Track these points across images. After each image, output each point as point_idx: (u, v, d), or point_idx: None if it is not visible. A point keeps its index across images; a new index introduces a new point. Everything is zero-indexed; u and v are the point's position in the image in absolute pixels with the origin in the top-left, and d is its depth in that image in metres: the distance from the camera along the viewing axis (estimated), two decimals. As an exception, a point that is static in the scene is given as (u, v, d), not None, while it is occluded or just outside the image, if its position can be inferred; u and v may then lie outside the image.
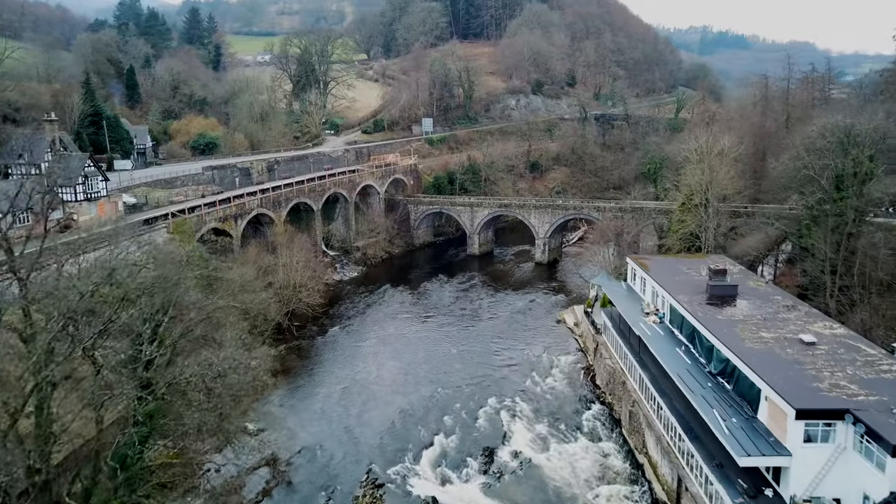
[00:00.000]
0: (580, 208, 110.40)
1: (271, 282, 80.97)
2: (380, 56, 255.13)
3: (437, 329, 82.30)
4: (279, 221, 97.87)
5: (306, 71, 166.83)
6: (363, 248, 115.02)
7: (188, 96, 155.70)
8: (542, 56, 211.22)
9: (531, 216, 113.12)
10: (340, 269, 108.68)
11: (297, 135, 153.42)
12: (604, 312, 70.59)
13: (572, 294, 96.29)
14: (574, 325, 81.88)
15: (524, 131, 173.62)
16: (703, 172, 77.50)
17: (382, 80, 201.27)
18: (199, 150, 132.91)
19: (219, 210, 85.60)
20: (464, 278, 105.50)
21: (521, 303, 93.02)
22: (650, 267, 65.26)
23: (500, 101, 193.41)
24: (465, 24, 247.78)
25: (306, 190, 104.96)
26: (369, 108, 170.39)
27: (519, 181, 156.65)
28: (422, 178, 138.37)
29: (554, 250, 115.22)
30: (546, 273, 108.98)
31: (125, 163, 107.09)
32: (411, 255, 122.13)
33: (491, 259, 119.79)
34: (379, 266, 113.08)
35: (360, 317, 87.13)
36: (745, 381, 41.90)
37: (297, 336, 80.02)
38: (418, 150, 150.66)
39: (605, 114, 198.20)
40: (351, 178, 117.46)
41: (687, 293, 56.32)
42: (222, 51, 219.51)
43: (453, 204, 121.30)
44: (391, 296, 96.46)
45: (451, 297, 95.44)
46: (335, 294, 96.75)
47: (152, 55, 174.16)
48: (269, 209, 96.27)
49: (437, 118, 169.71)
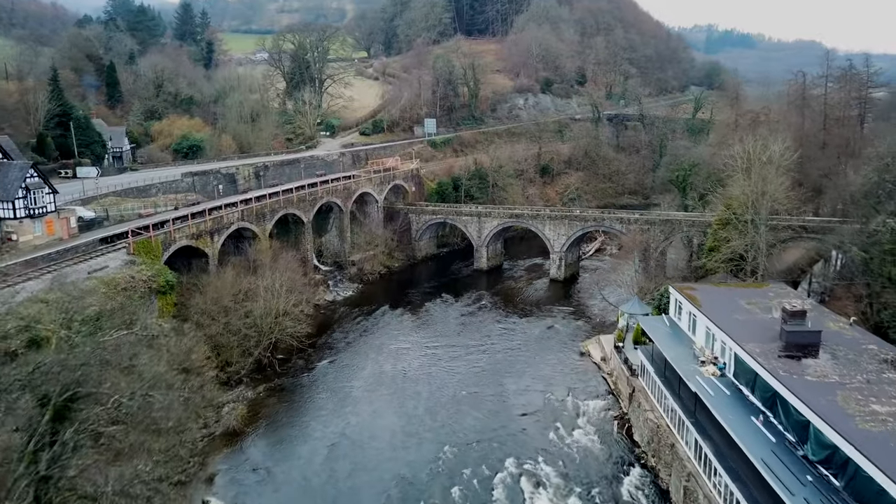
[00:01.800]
0: (601, 220, 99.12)
1: (250, 310, 69.81)
2: (380, 54, 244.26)
3: (441, 364, 71.05)
4: (263, 236, 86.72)
5: (300, 68, 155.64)
6: (359, 263, 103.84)
7: (173, 95, 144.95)
8: (552, 53, 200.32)
9: (546, 228, 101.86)
10: (333, 287, 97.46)
11: (290, 136, 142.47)
12: (641, 351, 59.35)
13: (595, 319, 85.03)
14: (601, 361, 70.60)
15: (533, 132, 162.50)
16: (754, 183, 66.10)
17: (383, 79, 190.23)
18: (182, 154, 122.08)
19: (191, 225, 74.39)
20: (471, 298, 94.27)
21: (538, 329, 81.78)
22: (700, 300, 54.00)
23: (508, 101, 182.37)
24: (469, 20, 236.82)
25: (295, 200, 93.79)
26: (368, 108, 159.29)
27: (529, 186, 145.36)
28: (424, 184, 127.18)
29: (571, 265, 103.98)
30: (563, 292, 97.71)
31: (90, 170, 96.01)
32: (412, 270, 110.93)
33: (500, 274, 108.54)
34: (377, 283, 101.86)
35: (354, 348, 75.92)
36: (868, 484, 30.67)
37: (280, 373, 68.87)
38: (420, 154, 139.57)
39: (618, 114, 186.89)
40: (346, 185, 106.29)
41: (755, 339, 45.09)
42: (215, 48, 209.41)
43: (459, 214, 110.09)
44: (389, 320, 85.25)
45: (457, 323, 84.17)
46: (326, 318, 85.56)
47: (138, 51, 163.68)
48: (251, 222, 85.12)
49: (441, 119, 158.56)
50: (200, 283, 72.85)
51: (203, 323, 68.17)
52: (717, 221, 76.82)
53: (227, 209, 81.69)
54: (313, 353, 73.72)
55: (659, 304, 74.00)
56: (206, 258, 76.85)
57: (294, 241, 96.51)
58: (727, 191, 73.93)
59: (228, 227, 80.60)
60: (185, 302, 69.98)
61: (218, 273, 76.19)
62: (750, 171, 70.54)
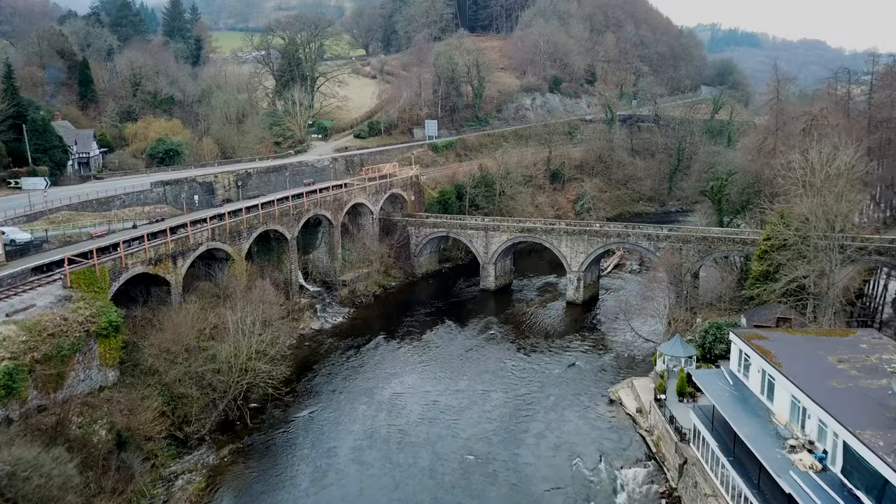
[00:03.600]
0: (625, 236, 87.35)
1: (214, 354, 58.09)
2: (379, 52, 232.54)
3: (445, 417, 59.25)
4: (239, 258, 75.02)
5: (290, 65, 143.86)
6: (351, 283, 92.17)
7: (152, 94, 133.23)
8: (560, 50, 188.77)
9: (562, 244, 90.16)
10: (321, 312, 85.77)
11: (279, 140, 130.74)
12: (694, 413, 47.60)
13: (623, 355, 73.34)
14: (637, 413, 58.82)
15: (542, 135, 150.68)
16: (827, 199, 54.37)
17: (380, 77, 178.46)
18: (158, 160, 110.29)
19: (149, 248, 62.62)
20: (478, 326, 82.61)
21: (557, 367, 70.05)
22: (776, 355, 42.24)
23: (514, 101, 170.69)
24: (471, 16, 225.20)
25: (277, 214, 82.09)
26: (364, 109, 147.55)
27: (538, 194, 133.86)
28: (424, 192, 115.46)
29: (590, 286, 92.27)
30: (582, 318, 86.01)
31: (36, 180, 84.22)
32: (411, 290, 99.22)
33: (510, 295, 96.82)
34: (370, 307, 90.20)
35: (342, 393, 64.13)
36: None
37: (252, 427, 57.22)
38: (420, 159, 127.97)
39: (632, 115, 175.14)
40: (337, 195, 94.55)
41: (870, 421, 33.42)
42: (203, 44, 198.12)
43: (464, 227, 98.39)
44: (384, 355, 73.48)
45: (462, 359, 72.36)
46: (311, 352, 73.89)
47: (119, 48, 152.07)
48: (224, 242, 73.40)
49: (443, 120, 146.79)
50: (159, 317, 61.20)
51: (159, 368, 56.58)
52: (768, 241, 65.27)
53: (194, 227, 69.92)
54: (293, 401, 62.02)
55: (703, 343, 62.66)
56: (168, 286, 65.18)
57: (276, 260, 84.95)
58: (787, 206, 62.07)
59: (196, 248, 68.87)
60: (138, 342, 58.35)
61: (181, 304, 64.54)
62: (812, 185, 58.97)
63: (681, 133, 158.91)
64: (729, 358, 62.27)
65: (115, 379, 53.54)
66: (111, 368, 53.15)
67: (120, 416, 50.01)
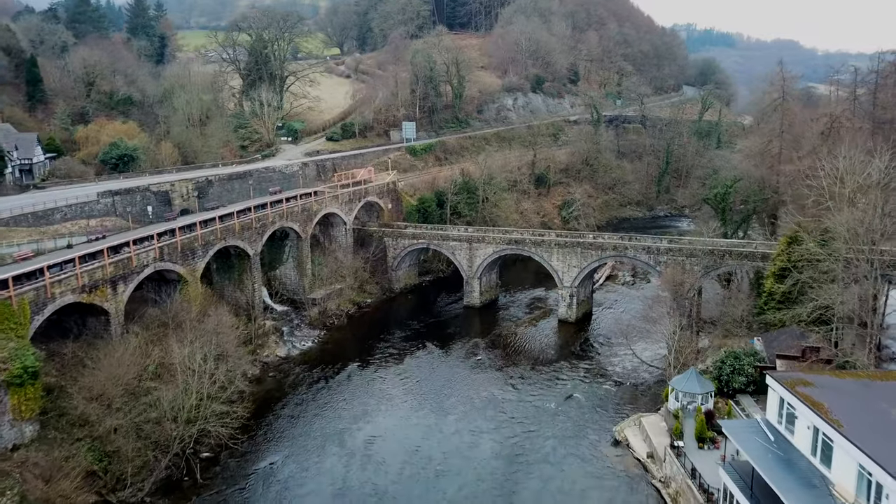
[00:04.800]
0: (622, 248, 79.98)
1: (157, 399, 49.55)
2: (354, 50, 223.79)
3: (429, 468, 51.12)
4: (193, 279, 66.34)
5: (258, 63, 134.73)
6: (322, 302, 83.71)
7: (108, 94, 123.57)
8: (542, 48, 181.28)
9: (553, 257, 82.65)
10: (288, 336, 77.23)
11: (245, 143, 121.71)
12: (726, 472, 40.05)
13: (626, 383, 65.91)
14: (648, 459, 51.26)
15: (525, 137, 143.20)
16: (867, 214, 47.28)
17: (355, 76, 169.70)
18: (111, 166, 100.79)
19: (81, 273, 53.83)
20: (463, 350, 74.73)
21: (552, 400, 62.36)
22: (831, 409, 34.86)
23: (496, 101, 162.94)
24: (449, 13, 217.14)
25: (237, 228, 73.43)
26: (337, 110, 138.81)
27: (523, 200, 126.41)
28: (403, 200, 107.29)
29: (583, 302, 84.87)
30: (576, 339, 78.48)
31: (-41, 192, 74.71)
32: (389, 308, 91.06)
33: (496, 312, 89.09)
34: (343, 328, 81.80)
35: (309, 436, 55.75)
36: None
37: (202, 485, 48.74)
38: (398, 163, 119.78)
39: (618, 115, 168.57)
40: (306, 205, 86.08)
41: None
42: (168, 42, 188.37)
43: (446, 238, 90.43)
44: (358, 388, 65.16)
45: (445, 393, 64.15)
46: (275, 386, 65.41)
47: (75, 45, 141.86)
48: (176, 262, 64.70)
49: (421, 121, 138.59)
50: (94, 354, 52.53)
51: (91, 418, 47.92)
52: (786, 256, 58.30)
53: (139, 245, 61.18)
54: (252, 449, 53.61)
55: (719, 376, 55.39)
56: (106, 316, 56.42)
57: (237, 279, 76.33)
58: (811, 220, 55.02)
59: (140, 270, 60.14)
60: (66, 386, 49.64)
61: (123, 338, 55.85)
62: (841, 196, 51.96)
63: (669, 134, 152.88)
64: (749, 392, 55.72)
65: (34, 434, 44.85)
66: (28, 422, 44.44)
67: (36, 483, 41.42)
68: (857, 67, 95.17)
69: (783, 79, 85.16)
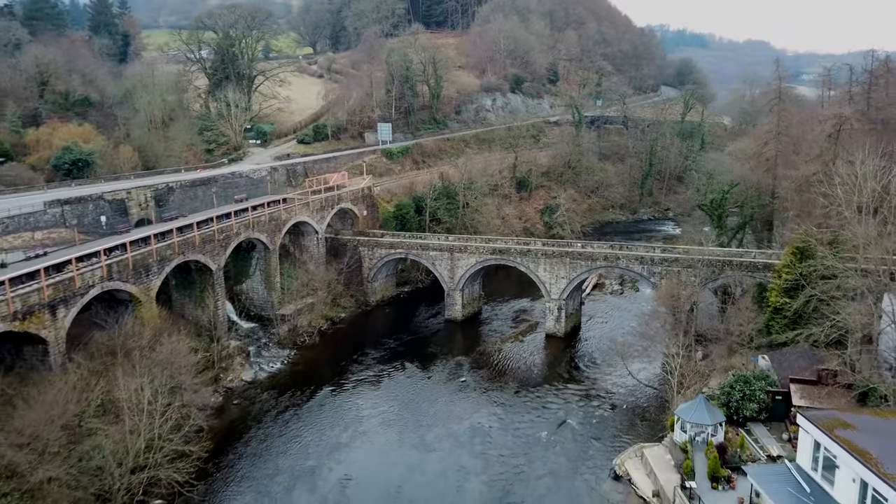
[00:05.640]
0: (613, 258, 75.00)
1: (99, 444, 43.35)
2: (327, 49, 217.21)
3: (410, 510, 45.71)
4: (147, 299, 60.00)
5: (224, 62, 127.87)
6: (293, 318, 77.59)
7: (63, 95, 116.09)
8: (521, 47, 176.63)
9: (540, 268, 77.50)
10: (255, 356, 71.13)
11: (211, 147, 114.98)
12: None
13: (622, 406, 60.86)
14: (654, 498, 46.12)
15: (505, 139, 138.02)
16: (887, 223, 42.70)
17: (328, 76, 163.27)
18: (64, 171, 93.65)
19: (12, 298, 47.32)
20: (444, 371, 69.21)
21: (544, 426, 57.09)
22: (880, 458, 29.97)
23: (474, 101, 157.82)
24: (425, 11, 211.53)
25: (198, 241, 67.09)
26: (309, 111, 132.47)
27: (504, 204, 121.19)
28: (379, 206, 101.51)
29: (572, 315, 79.86)
30: (566, 355, 73.45)
31: None
32: (365, 322, 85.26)
33: (480, 326, 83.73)
34: (315, 347, 75.73)
35: (275, 478, 49.72)
36: None
37: (150, 540, 42.68)
38: (373, 166, 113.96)
39: (600, 116, 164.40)
40: (274, 214, 79.95)
41: None
42: (132, 40, 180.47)
43: (425, 248, 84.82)
44: (331, 418, 59.24)
45: (427, 423, 58.42)
46: (239, 416, 59.25)
47: (30, 43, 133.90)
48: (127, 280, 58.33)
49: (397, 123, 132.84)
50: (25, 392, 46.10)
51: (20, 467, 41.56)
52: (795, 269, 53.74)
53: (84, 263, 54.75)
54: (210, 494, 47.53)
55: (728, 402, 50.53)
56: (44, 345, 49.96)
57: (199, 296, 69.96)
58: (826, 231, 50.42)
59: (85, 292, 53.70)
60: (-8, 429, 43.20)
61: (63, 370, 49.47)
62: (859, 205, 47.43)
63: (651, 136, 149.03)
64: (762, 420, 51.03)
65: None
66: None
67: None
68: (851, 67, 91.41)
69: (779, 78, 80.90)
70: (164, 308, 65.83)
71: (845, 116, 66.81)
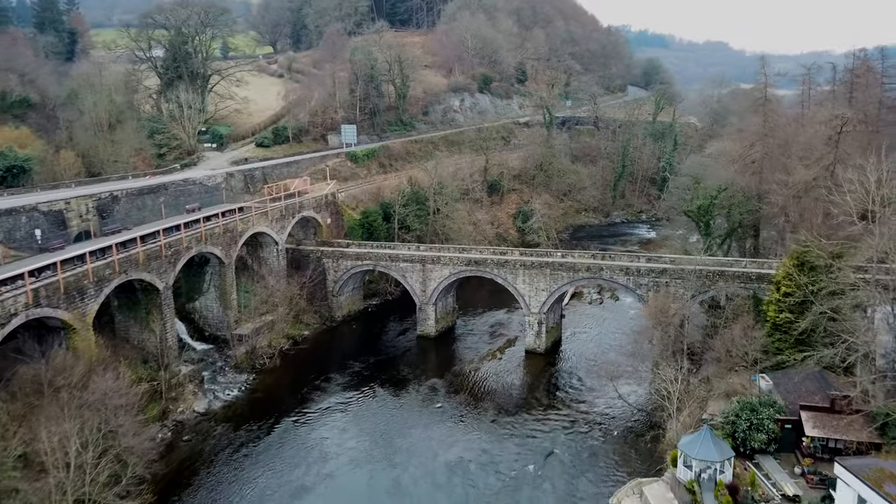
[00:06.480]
0: (596, 269, 70.17)
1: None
2: (288, 49, 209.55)
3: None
4: (83, 325, 53.16)
5: (176, 60, 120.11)
6: (251, 338, 71.04)
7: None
8: (489, 46, 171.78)
9: (518, 280, 72.37)
10: (209, 383, 64.64)
11: (162, 151, 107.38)
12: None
13: (613, 433, 55.97)
14: (659, 546, 41.28)
15: (475, 140, 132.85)
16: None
17: (288, 76, 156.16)
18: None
19: (-86, 334, 40.40)
20: (418, 395, 63.62)
21: (530, 457, 51.95)
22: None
23: (442, 101, 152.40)
24: (389, 9, 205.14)
25: (142, 258, 60.31)
26: (268, 112, 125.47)
27: (476, 209, 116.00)
28: (344, 213, 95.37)
29: (553, 329, 74.92)
30: (547, 374, 68.49)
31: None
32: (330, 340, 79.20)
33: (454, 343, 78.28)
34: (276, 370, 69.35)
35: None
36: None
37: None
38: (337, 171, 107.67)
39: (570, 117, 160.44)
40: (230, 225, 73.38)
41: None
42: (79, 38, 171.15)
43: (395, 259, 79.07)
44: (294, 455, 53.15)
45: (400, 456, 52.82)
46: (188, 456, 52.74)
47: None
48: (58, 305, 51.44)
49: (362, 124, 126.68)
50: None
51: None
52: (798, 281, 49.50)
53: (3, 288, 47.81)
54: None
55: (733, 432, 45.86)
56: (-45, 384, 43.07)
57: (144, 318, 63.13)
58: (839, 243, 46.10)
59: (6, 321, 46.75)
60: None
61: (-24, 413, 42.59)
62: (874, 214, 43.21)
63: (623, 136, 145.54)
64: (771, 452, 46.51)
65: None
66: None
67: None
68: (834, 65, 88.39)
69: (765, 75, 77.08)
70: (104, 333, 59.20)
71: (847, 117, 63.04)
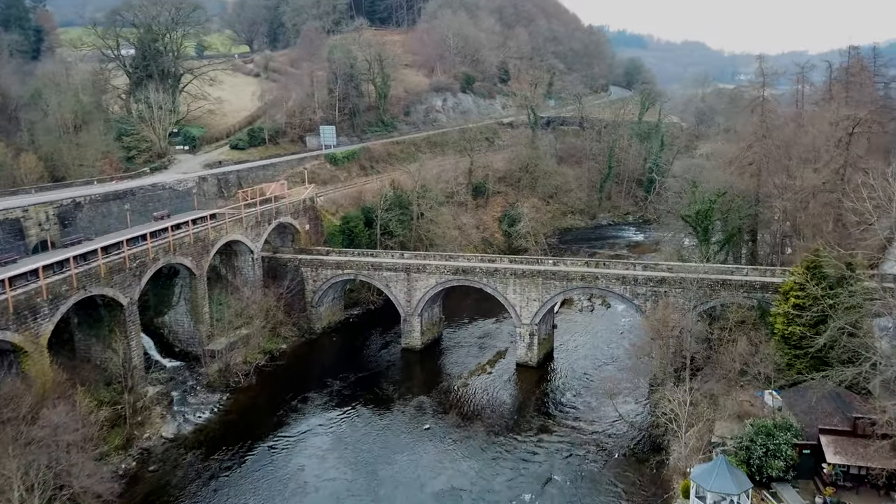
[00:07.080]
0: (591, 278, 66.48)
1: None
2: (265, 47, 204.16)
3: None
4: (36, 348, 48.37)
5: (146, 58, 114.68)
6: (224, 354, 66.31)
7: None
8: (471, 44, 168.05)
9: (509, 289, 68.54)
10: (179, 405, 60.07)
11: (131, 154, 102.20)
12: None
13: (614, 455, 52.32)
14: (674, 590, 37.61)
15: (458, 141, 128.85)
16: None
17: (265, 75, 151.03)
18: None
19: None
20: (404, 415, 59.51)
21: (527, 485, 48.16)
22: None
23: (423, 101, 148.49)
24: (368, 7, 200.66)
25: (103, 271, 55.54)
26: (243, 113, 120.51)
27: (461, 213, 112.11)
28: (323, 219, 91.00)
29: (545, 341, 71.20)
30: (541, 389, 64.71)
31: None
32: (309, 355, 74.83)
33: (441, 356, 74.21)
34: (252, 389, 64.73)
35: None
36: None
37: None
38: (316, 174, 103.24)
39: (555, 117, 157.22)
40: (201, 233, 68.70)
41: None
42: (45, 36, 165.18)
43: (378, 268, 74.82)
44: (270, 488, 48.83)
45: (386, 487, 48.76)
46: (153, 489, 48.19)
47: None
48: (7, 327, 46.62)
49: (342, 125, 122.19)
50: None
51: None
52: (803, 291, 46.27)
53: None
54: None
55: (748, 459, 42.39)
56: None
57: (107, 336, 58.36)
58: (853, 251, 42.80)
59: (-55, 346, 42.01)
60: None
61: None
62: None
63: (609, 137, 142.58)
64: (789, 480, 43.07)
65: None
66: None
67: None
68: (830, 63, 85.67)
69: (763, 74, 73.96)
70: (63, 353, 54.49)
71: (859, 118, 59.92)
